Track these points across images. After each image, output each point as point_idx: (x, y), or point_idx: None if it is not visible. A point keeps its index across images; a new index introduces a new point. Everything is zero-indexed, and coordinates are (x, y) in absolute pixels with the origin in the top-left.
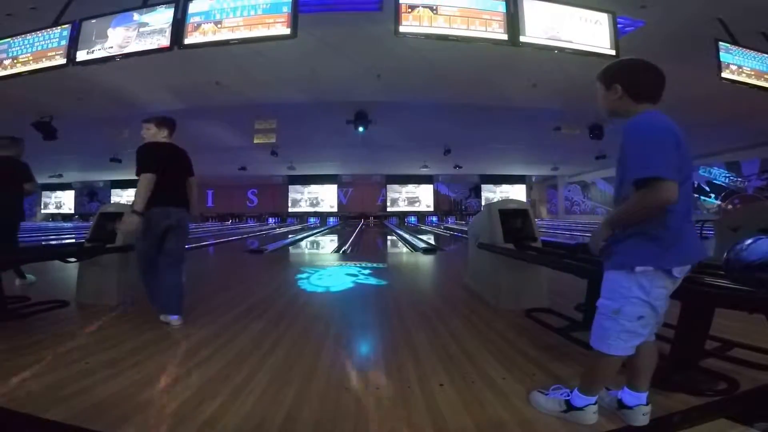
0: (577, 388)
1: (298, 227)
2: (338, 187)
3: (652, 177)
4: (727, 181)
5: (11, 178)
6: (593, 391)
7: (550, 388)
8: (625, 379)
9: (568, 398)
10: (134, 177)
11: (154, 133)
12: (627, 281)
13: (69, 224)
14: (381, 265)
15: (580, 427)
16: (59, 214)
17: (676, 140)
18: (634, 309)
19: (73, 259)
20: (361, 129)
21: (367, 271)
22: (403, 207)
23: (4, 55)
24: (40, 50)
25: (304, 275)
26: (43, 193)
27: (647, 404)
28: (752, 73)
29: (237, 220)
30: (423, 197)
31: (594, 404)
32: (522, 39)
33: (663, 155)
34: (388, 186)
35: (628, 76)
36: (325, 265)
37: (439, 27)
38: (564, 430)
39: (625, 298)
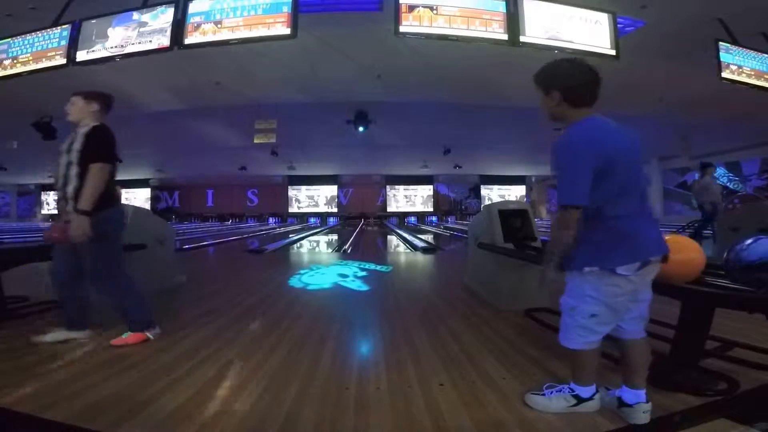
0: (572, 382)
1: (298, 227)
2: (338, 187)
3: (563, 204)
4: (726, 181)
5: None
6: (588, 381)
7: (544, 387)
8: (621, 378)
9: (575, 393)
10: (135, 177)
11: (80, 109)
12: (580, 281)
13: None
14: (380, 268)
15: (580, 426)
16: (57, 214)
17: (600, 151)
18: (588, 307)
19: None
20: (361, 129)
21: (362, 273)
22: (402, 207)
23: (4, 55)
24: (40, 50)
25: (301, 273)
26: (43, 193)
27: (647, 402)
28: (752, 73)
29: (237, 220)
30: (423, 197)
31: (597, 392)
32: (522, 39)
33: (573, 182)
34: (387, 186)
35: (565, 81)
36: (322, 265)
37: (439, 27)
38: (566, 429)
39: (580, 296)
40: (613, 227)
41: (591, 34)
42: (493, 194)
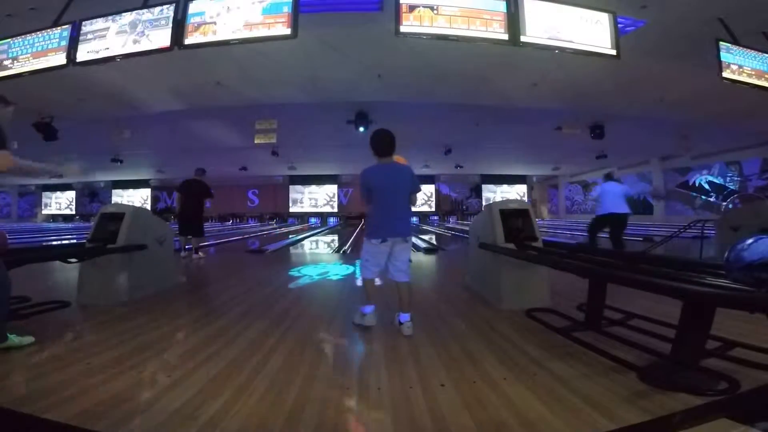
0: (364, 305)
1: (298, 227)
2: (338, 187)
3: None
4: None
5: (200, 194)
6: (368, 302)
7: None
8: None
9: (362, 310)
10: (136, 177)
11: None
12: (364, 243)
13: (70, 225)
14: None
15: (580, 426)
16: (60, 214)
17: (372, 177)
18: (364, 255)
19: (74, 260)
20: (361, 129)
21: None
22: None
23: (4, 56)
24: (40, 50)
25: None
26: (43, 193)
27: (410, 320)
28: (753, 72)
29: (238, 220)
30: (424, 197)
31: (369, 312)
32: (522, 39)
33: (362, 196)
34: None
35: (371, 143)
36: (318, 262)
37: (440, 27)
38: (567, 429)
39: (363, 251)
40: (372, 220)
41: (591, 33)
42: (496, 195)
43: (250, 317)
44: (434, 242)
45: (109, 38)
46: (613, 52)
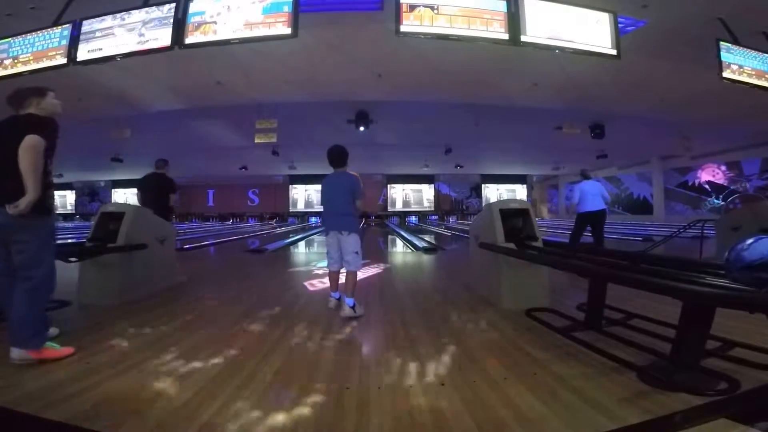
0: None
1: (298, 227)
2: None
3: None
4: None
5: (163, 188)
6: (332, 289)
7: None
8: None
9: (331, 294)
10: (136, 177)
11: None
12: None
13: (70, 224)
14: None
15: (580, 425)
16: (60, 214)
17: (324, 183)
18: (326, 248)
19: (74, 259)
20: (362, 129)
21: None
22: (404, 206)
23: (4, 55)
24: (40, 50)
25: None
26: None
27: (353, 306)
28: (753, 72)
29: (238, 219)
30: (424, 197)
31: (335, 297)
32: (523, 38)
33: (321, 197)
34: (389, 185)
35: (327, 156)
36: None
37: (440, 26)
38: (567, 429)
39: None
40: (322, 216)
41: (592, 33)
42: (494, 194)
43: (251, 316)
44: (434, 242)
45: (109, 37)
46: (614, 52)
